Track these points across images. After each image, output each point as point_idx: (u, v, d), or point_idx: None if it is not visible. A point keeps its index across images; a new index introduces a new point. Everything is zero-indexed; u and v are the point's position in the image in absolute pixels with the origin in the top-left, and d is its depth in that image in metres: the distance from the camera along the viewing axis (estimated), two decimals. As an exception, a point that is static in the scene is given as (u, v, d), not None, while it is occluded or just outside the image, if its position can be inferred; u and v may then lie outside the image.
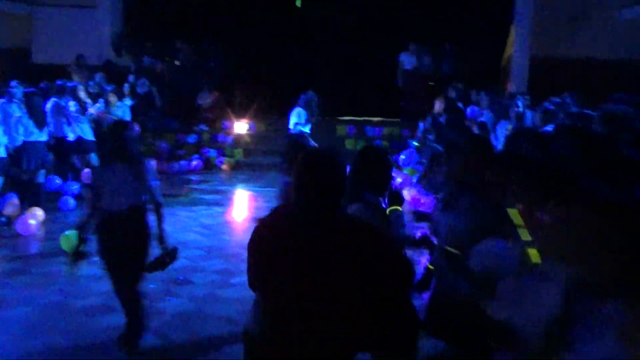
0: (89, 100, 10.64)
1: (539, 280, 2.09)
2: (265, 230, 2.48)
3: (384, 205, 3.53)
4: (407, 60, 14.26)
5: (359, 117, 14.84)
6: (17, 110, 8.59)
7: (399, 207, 3.50)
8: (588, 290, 1.80)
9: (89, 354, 4.70)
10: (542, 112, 6.98)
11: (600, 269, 1.71)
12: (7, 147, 8.33)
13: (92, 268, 6.62)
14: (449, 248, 3.11)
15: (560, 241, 1.98)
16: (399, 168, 11.28)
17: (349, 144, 13.54)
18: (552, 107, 7.08)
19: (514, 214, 2.55)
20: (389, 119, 14.68)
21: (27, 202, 8.51)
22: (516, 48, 13.56)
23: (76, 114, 9.68)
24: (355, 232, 2.36)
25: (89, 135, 9.92)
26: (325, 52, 15.09)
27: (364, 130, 14.25)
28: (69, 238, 7.12)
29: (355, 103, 14.89)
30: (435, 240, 3.68)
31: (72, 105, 9.73)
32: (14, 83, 9.16)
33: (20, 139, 8.48)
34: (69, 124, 9.61)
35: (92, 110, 10.49)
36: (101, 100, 10.88)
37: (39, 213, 8.24)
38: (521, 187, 2.53)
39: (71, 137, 9.74)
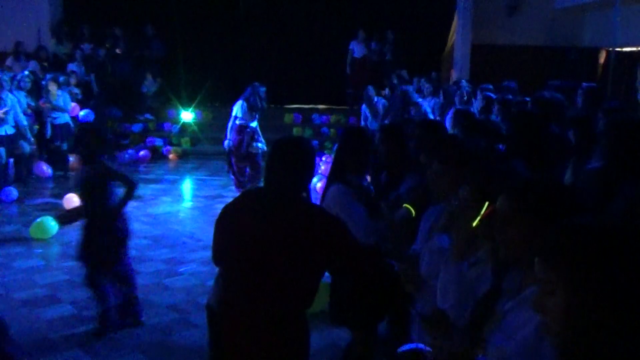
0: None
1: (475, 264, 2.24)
2: (230, 207, 2.76)
3: (365, 184, 3.66)
4: (357, 49, 14.38)
5: (306, 105, 14.90)
6: None
7: (411, 209, 3.29)
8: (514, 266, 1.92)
9: (34, 346, 4.65)
10: (483, 99, 7.16)
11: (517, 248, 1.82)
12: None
13: (34, 260, 6.56)
14: None
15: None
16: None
17: (296, 132, 13.59)
18: (492, 95, 7.27)
19: None
20: (335, 107, 14.79)
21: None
22: (458, 36, 13.86)
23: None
24: (308, 214, 2.64)
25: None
26: (272, 39, 15.05)
27: (311, 118, 14.32)
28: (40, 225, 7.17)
29: (301, 91, 14.95)
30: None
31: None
32: None
33: None
34: None
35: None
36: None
37: None
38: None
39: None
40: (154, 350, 4.61)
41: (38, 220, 7.33)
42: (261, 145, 8.91)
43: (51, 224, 7.24)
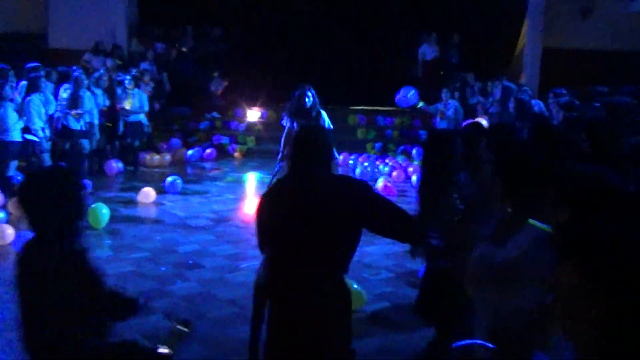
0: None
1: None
2: (268, 195, 3.09)
3: None
4: (428, 51, 14.28)
5: (370, 107, 14.90)
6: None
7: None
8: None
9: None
10: (557, 105, 6.95)
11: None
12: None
13: (104, 250, 6.84)
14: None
15: None
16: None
17: (360, 134, 13.62)
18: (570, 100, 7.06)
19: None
20: (400, 109, 14.73)
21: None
22: (528, 40, 13.56)
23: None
24: (337, 182, 3.01)
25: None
26: (338, 39, 15.11)
27: (375, 120, 14.31)
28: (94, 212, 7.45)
29: (366, 92, 14.95)
30: None
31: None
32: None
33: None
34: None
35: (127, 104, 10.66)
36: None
37: None
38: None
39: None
40: (212, 342, 4.73)
41: (93, 206, 7.58)
42: None
43: (103, 212, 7.50)
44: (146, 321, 5.04)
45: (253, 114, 13.77)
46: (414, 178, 9.68)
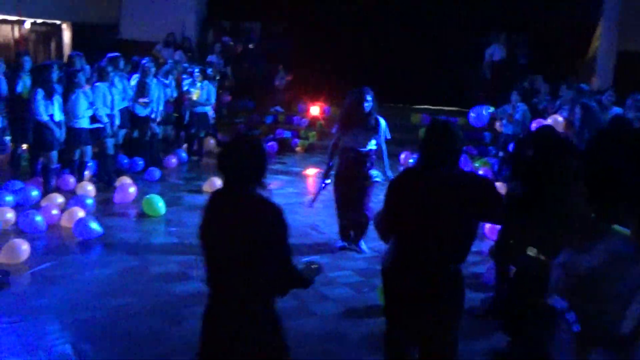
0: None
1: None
2: (396, 184, 3.36)
3: None
4: (496, 51, 14.00)
5: (434, 106, 14.72)
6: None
7: None
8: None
9: (166, 318, 4.97)
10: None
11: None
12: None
13: (170, 237, 7.00)
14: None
15: None
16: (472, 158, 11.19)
17: (422, 133, 13.45)
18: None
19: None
20: (463, 109, 14.49)
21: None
22: (603, 42, 13.10)
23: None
24: (458, 178, 3.18)
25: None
26: (403, 36, 14.96)
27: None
28: (149, 202, 7.66)
29: (430, 91, 14.77)
30: None
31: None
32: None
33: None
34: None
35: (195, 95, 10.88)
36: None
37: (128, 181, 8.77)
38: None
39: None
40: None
41: (148, 197, 7.83)
42: (377, 174, 6.50)
43: (159, 204, 7.70)
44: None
45: (315, 109, 13.81)
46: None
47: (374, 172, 6.43)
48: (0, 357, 4.27)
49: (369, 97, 6.30)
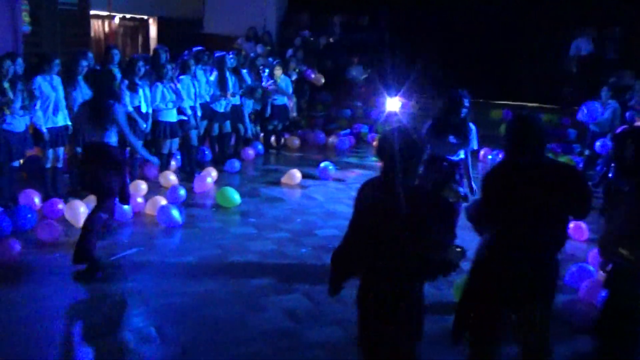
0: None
1: None
2: (493, 176, 3.49)
3: None
4: (584, 46, 13.48)
5: (516, 102, 14.31)
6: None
7: None
8: None
9: (244, 306, 5.08)
10: None
11: None
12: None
13: (248, 228, 7.14)
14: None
15: None
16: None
17: (503, 129, 13.12)
18: None
19: None
20: (547, 105, 14.03)
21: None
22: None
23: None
24: (556, 170, 3.38)
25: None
26: (485, 31, 14.61)
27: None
28: (224, 193, 7.84)
29: (511, 87, 14.36)
30: None
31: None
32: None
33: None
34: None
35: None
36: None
37: (213, 173, 8.99)
38: None
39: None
40: (353, 327, 4.77)
41: (222, 189, 8.00)
42: (462, 190, 5.82)
43: (232, 194, 7.84)
44: (286, 298, 5.23)
45: (393, 103, 13.70)
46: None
47: (461, 189, 5.79)
48: (87, 338, 4.48)
49: (466, 103, 5.72)
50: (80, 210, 6.72)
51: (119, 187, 5.61)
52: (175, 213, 6.98)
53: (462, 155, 5.85)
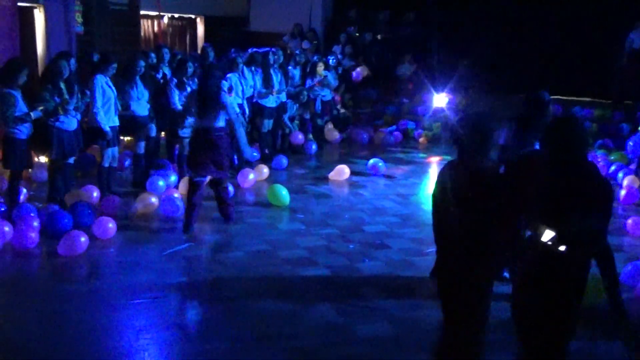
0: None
1: None
2: (536, 170, 3.42)
3: None
4: (637, 40, 13.07)
5: (567, 97, 14.00)
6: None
7: None
8: None
9: (293, 300, 5.11)
10: None
11: None
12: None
13: (296, 224, 7.18)
14: None
15: None
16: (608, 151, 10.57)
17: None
18: None
19: None
20: (600, 100, 13.69)
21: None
22: None
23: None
24: (590, 173, 3.28)
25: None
26: (533, 25, 14.32)
27: (573, 111, 13.42)
28: (273, 190, 7.86)
29: (564, 81, 14.04)
30: None
31: None
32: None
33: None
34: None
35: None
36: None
37: (265, 170, 9.10)
38: None
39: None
40: (401, 323, 4.78)
41: (272, 186, 7.99)
42: None
43: (282, 193, 7.80)
44: (335, 293, 5.24)
45: (440, 100, 13.56)
46: (619, 175, 8.96)
47: None
48: (141, 330, 4.58)
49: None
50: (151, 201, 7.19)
51: (228, 163, 6.91)
52: (178, 202, 7.17)
53: None
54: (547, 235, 3.18)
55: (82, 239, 6.01)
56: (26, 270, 5.66)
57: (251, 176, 8.69)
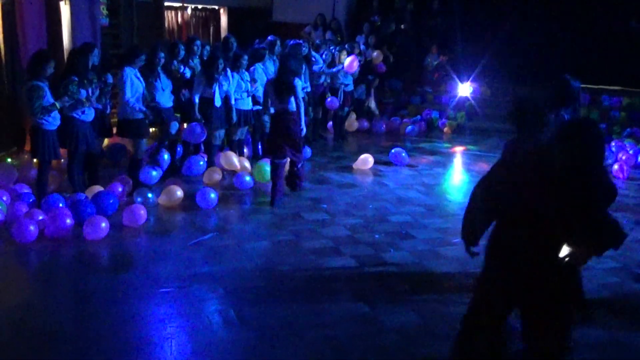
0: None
1: None
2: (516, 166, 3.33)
3: None
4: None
5: (595, 85, 13.75)
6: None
7: None
8: None
9: (319, 290, 5.11)
10: None
11: None
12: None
13: (321, 214, 7.17)
14: None
15: None
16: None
17: (582, 113, 12.65)
18: None
19: None
20: (630, 89, 13.41)
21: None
22: None
23: None
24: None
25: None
26: (558, 11, 14.07)
27: (601, 99, 13.20)
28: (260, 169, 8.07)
29: (591, 69, 13.78)
30: None
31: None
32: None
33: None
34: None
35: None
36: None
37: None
38: None
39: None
40: (429, 313, 4.75)
41: (259, 163, 8.26)
42: None
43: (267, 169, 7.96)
44: (361, 284, 5.23)
45: (465, 89, 13.43)
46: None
47: None
48: (168, 319, 4.61)
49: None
50: (177, 194, 7.23)
51: (302, 143, 7.63)
52: (212, 196, 7.21)
53: None
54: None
55: (103, 224, 6.12)
56: (56, 259, 5.73)
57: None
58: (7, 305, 4.79)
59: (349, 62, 10.76)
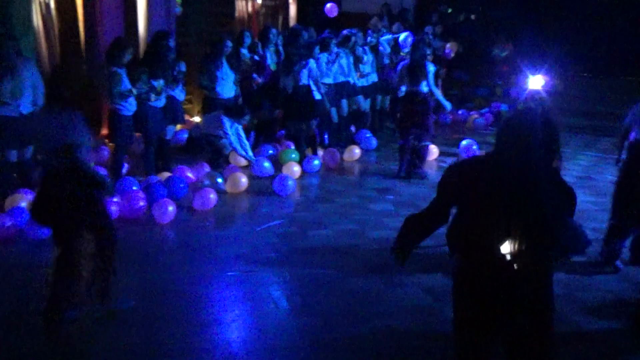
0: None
1: None
2: None
3: None
4: None
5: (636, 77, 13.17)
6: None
7: None
8: None
9: (380, 279, 5.15)
10: None
11: None
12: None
13: (386, 204, 7.18)
14: None
15: None
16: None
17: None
18: None
19: None
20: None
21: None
22: None
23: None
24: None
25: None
26: (629, 7, 13.54)
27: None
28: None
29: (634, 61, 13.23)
30: None
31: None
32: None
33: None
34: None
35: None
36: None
37: (357, 150, 9.22)
38: None
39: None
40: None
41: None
42: None
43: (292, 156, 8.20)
44: (424, 275, 5.22)
45: (536, 81, 13.08)
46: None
47: None
48: (234, 302, 4.75)
49: None
50: (242, 180, 7.43)
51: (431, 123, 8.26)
52: (290, 182, 7.32)
53: None
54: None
55: (170, 207, 6.36)
56: (129, 240, 5.96)
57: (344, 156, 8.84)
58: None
59: (404, 36, 10.76)
